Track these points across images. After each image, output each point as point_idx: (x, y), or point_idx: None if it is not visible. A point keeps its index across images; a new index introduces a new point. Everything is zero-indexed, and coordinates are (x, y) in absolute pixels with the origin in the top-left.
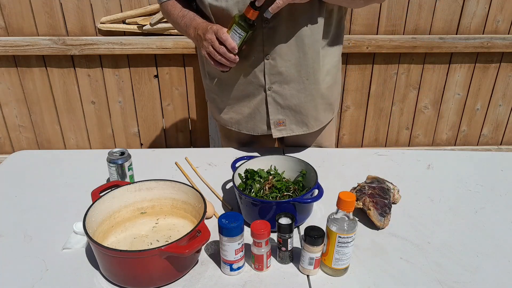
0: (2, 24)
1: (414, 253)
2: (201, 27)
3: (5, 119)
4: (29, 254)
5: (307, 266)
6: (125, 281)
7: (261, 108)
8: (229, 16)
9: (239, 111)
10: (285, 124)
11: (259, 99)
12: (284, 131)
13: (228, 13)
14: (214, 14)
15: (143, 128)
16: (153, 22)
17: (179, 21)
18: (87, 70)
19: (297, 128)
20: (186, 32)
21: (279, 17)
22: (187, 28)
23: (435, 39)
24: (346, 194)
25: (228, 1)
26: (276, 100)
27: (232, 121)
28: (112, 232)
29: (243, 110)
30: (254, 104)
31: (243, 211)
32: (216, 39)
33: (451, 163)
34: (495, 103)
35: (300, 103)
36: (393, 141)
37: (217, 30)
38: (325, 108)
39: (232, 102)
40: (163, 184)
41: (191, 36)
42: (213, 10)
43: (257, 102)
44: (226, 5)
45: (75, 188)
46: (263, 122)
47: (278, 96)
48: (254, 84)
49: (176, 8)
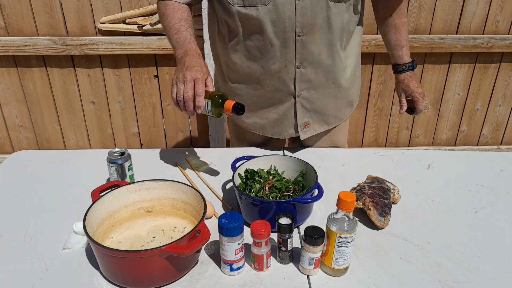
0: (2, 24)
1: (414, 253)
2: (191, 59)
3: (5, 119)
4: (29, 254)
5: (307, 266)
6: (125, 281)
7: (289, 113)
8: (259, 25)
9: (264, 117)
10: (309, 125)
11: (288, 105)
12: (309, 131)
13: (258, 22)
14: (242, 22)
15: (143, 128)
16: (153, 22)
17: (171, 32)
18: (87, 70)
19: (319, 127)
20: (173, 46)
21: (315, 27)
22: (177, 45)
23: (435, 39)
24: (346, 194)
25: (259, 9)
26: (303, 105)
27: (256, 126)
28: (112, 232)
29: (269, 115)
30: (281, 110)
31: (243, 211)
32: (191, 84)
33: (451, 163)
34: (495, 103)
35: (324, 105)
36: (393, 141)
37: (198, 81)
38: (346, 106)
39: (256, 108)
40: (163, 184)
41: (176, 54)
42: (241, 18)
43: (285, 108)
44: (257, 14)
45: (75, 188)
46: (291, 126)
47: (305, 101)
48: (283, 92)
49: (175, 17)
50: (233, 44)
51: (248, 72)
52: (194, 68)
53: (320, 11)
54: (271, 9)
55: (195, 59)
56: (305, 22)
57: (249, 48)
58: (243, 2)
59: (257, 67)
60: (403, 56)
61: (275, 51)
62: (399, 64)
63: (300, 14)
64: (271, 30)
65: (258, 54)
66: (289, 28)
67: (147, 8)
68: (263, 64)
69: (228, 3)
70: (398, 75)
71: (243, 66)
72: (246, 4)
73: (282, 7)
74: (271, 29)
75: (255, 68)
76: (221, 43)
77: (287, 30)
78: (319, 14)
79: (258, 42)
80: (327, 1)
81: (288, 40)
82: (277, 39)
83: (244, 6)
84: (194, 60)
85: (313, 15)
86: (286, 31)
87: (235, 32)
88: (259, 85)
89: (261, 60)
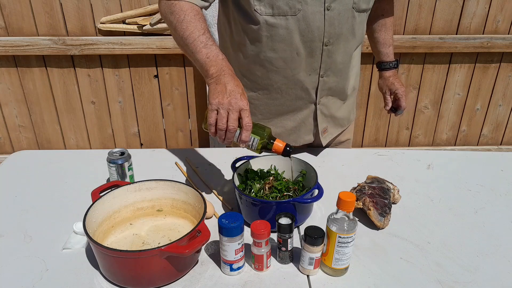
0: (2, 24)
1: (414, 253)
2: (231, 83)
3: (5, 119)
4: (29, 254)
5: (307, 266)
6: (125, 281)
7: (308, 121)
8: (287, 35)
9: (280, 125)
10: (327, 130)
11: (307, 112)
12: (328, 136)
13: (286, 31)
14: (269, 31)
15: (143, 128)
16: (153, 22)
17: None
18: (87, 70)
19: (335, 131)
20: (201, 61)
21: (341, 36)
22: (207, 61)
23: (435, 39)
24: (346, 194)
25: (289, 19)
26: (323, 111)
27: None
28: (112, 232)
29: (286, 123)
30: (300, 118)
31: (243, 211)
32: (237, 115)
33: (451, 163)
34: (495, 103)
35: (339, 109)
36: (393, 141)
37: (245, 112)
38: (353, 107)
39: (272, 117)
40: (163, 184)
41: (210, 73)
42: (268, 27)
43: (305, 115)
44: (287, 23)
45: (75, 188)
46: (308, 133)
47: (324, 108)
48: (304, 99)
49: (197, 26)
50: (253, 55)
51: (268, 82)
52: (239, 95)
53: (346, 21)
54: (301, 18)
55: (236, 82)
56: (333, 32)
57: (272, 60)
58: (272, 11)
59: (279, 77)
60: (390, 54)
61: (301, 60)
62: (386, 61)
63: (329, 24)
64: (299, 39)
65: (282, 64)
66: (317, 38)
67: (147, 8)
68: (286, 74)
69: (255, 12)
70: (384, 72)
71: (263, 77)
72: (275, 13)
73: (312, 17)
74: (299, 38)
75: (277, 78)
76: (235, 53)
77: (315, 40)
78: (345, 24)
79: (284, 52)
80: (353, 11)
81: (315, 49)
82: (304, 48)
83: (273, 16)
84: (235, 84)
85: (340, 25)
86: (314, 41)
87: (258, 42)
88: (279, 94)
89: (284, 71)
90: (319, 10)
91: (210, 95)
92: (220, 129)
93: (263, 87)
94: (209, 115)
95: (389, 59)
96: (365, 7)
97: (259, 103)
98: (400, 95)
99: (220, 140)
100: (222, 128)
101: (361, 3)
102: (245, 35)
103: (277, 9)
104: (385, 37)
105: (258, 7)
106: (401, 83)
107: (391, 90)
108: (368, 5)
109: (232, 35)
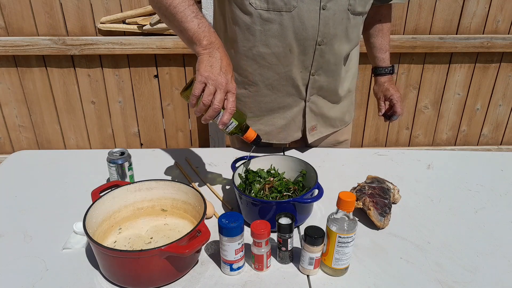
0: (2, 24)
1: (414, 253)
2: (224, 60)
3: (5, 119)
4: (29, 254)
5: (307, 266)
6: (125, 281)
7: (297, 118)
8: (281, 31)
9: (270, 123)
10: (316, 128)
11: (297, 110)
12: (316, 134)
13: (280, 27)
14: (262, 26)
15: (143, 128)
16: (153, 22)
17: (188, 14)
18: (87, 70)
19: (325, 130)
20: (192, 30)
21: (335, 37)
22: (199, 30)
23: (435, 39)
24: (346, 194)
25: (284, 15)
26: (312, 109)
27: (260, 133)
28: (112, 232)
29: (275, 121)
30: (290, 115)
31: (243, 211)
32: (223, 95)
33: (451, 163)
34: (495, 103)
35: (331, 109)
36: (393, 141)
37: (232, 96)
38: (349, 109)
39: (263, 114)
40: (163, 184)
41: (202, 42)
42: (262, 22)
43: (294, 113)
44: (281, 19)
45: (75, 188)
46: (297, 130)
47: (313, 105)
48: (294, 96)
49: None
50: (245, 50)
51: (260, 78)
52: (230, 76)
53: (340, 22)
54: (295, 16)
55: (228, 61)
56: (327, 32)
57: (264, 55)
58: (267, 6)
59: (271, 73)
60: (386, 59)
61: (293, 57)
62: (381, 67)
63: (323, 23)
64: (293, 37)
65: (275, 60)
66: (311, 37)
67: (147, 8)
68: (279, 70)
69: (250, 5)
70: (380, 77)
71: (254, 73)
72: (270, 8)
73: (307, 15)
74: (292, 35)
75: (269, 74)
76: (228, 50)
77: (309, 38)
78: (339, 25)
79: (277, 48)
80: (348, 13)
81: (308, 48)
82: (297, 46)
83: (268, 10)
84: (227, 62)
85: (334, 25)
86: (307, 39)
87: (251, 37)
88: (269, 91)
89: (276, 67)
90: (314, 8)
91: (201, 66)
92: (204, 104)
93: (254, 83)
94: (195, 85)
95: (385, 65)
96: (360, 10)
97: (249, 100)
98: (396, 100)
99: (197, 113)
100: (206, 104)
101: (357, 5)
102: (238, 28)
103: (272, 4)
104: (381, 42)
105: (253, 1)
106: (396, 89)
107: (385, 96)
108: (364, 8)
109: (226, 32)
